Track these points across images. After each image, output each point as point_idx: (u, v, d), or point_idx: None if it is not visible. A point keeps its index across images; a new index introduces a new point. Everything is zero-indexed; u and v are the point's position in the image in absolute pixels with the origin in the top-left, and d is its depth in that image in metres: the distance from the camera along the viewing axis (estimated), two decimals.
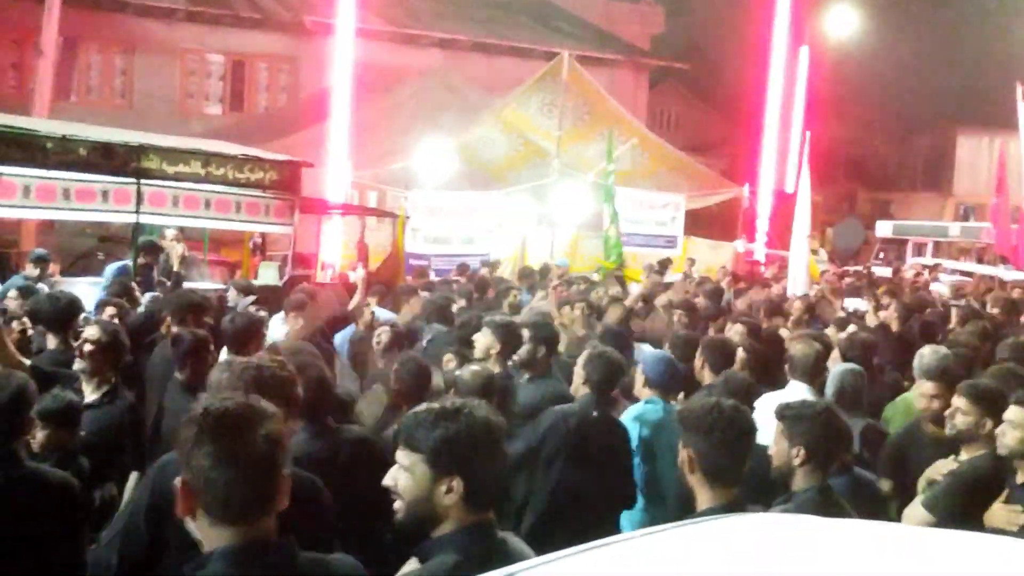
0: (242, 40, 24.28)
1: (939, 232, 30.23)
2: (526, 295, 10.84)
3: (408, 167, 16.73)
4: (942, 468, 4.63)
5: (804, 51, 24.67)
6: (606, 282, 12.24)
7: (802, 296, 11.23)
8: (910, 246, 29.39)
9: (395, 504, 2.64)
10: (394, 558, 2.94)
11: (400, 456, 2.63)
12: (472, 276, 12.73)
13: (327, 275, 14.60)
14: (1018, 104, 19.45)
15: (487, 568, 2.21)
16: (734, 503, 3.33)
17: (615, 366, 5.30)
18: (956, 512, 4.20)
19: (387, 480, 2.66)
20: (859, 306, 11.41)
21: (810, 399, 4.89)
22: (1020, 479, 4.24)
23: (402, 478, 2.61)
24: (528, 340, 6.13)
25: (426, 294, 9.70)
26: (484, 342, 6.02)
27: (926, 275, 20.45)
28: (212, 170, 11.29)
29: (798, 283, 13.11)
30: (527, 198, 17.92)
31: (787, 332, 8.22)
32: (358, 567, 2.63)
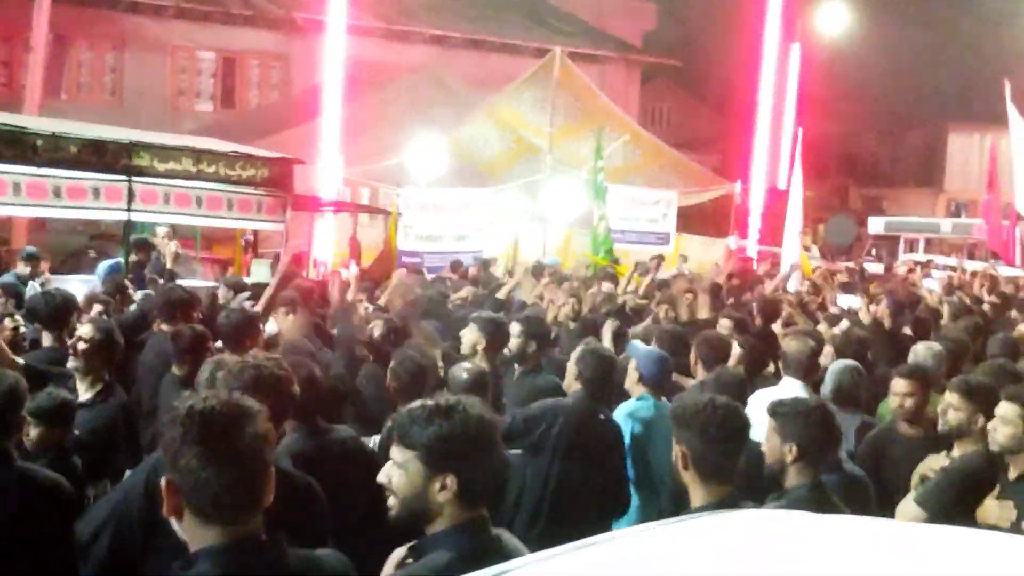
0: (233, 37, 24.21)
1: (931, 228, 30.29)
2: (517, 292, 10.81)
3: (400, 164, 16.71)
4: (934, 464, 4.64)
5: (796, 48, 24.74)
6: (597, 278, 12.20)
7: (794, 292, 11.25)
8: (902, 242, 29.45)
9: (389, 501, 2.64)
10: (384, 556, 2.95)
11: (394, 453, 2.63)
12: (466, 273, 12.71)
13: (319, 272, 14.57)
14: (1007, 102, 19.50)
15: (481, 565, 2.21)
16: (727, 500, 3.33)
17: (608, 363, 5.30)
18: (949, 508, 4.21)
19: (381, 477, 2.65)
20: (852, 303, 11.41)
21: (803, 396, 4.90)
22: (1012, 475, 4.26)
23: (396, 475, 2.61)
24: (519, 335, 6.13)
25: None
26: (470, 338, 5.99)
27: (918, 271, 20.48)
28: (203, 167, 11.27)
29: (790, 279, 13.15)
30: (519, 195, 17.89)
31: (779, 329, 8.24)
32: (346, 562, 2.63)
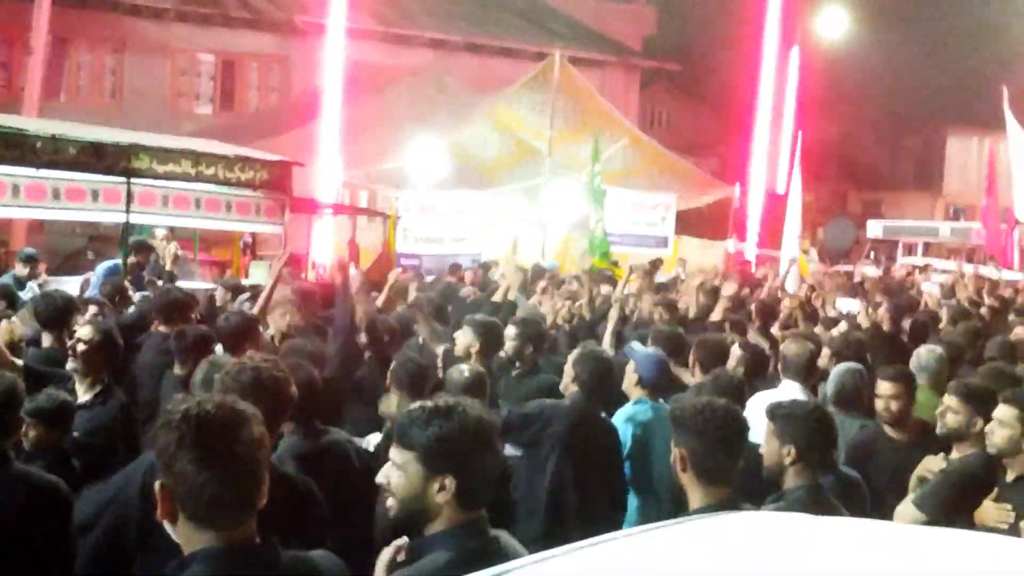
0: (233, 39, 24.21)
1: (929, 232, 30.31)
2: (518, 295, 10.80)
3: (399, 167, 16.71)
4: (932, 466, 4.65)
5: (795, 51, 24.74)
6: (594, 280, 12.16)
7: (792, 296, 11.25)
8: (900, 246, 29.47)
9: (388, 502, 2.64)
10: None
11: (393, 454, 2.63)
12: (463, 276, 12.69)
13: (318, 274, 14.57)
14: (1004, 107, 19.53)
15: (480, 566, 2.21)
16: (726, 502, 3.33)
17: (605, 365, 5.31)
18: (947, 510, 4.22)
19: (380, 478, 2.66)
20: (850, 307, 11.43)
21: (801, 398, 4.90)
22: (1010, 477, 4.27)
23: (395, 476, 2.61)
24: (515, 337, 6.15)
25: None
26: (464, 340, 6.02)
27: (916, 275, 20.50)
28: (202, 169, 11.26)
29: (789, 283, 13.17)
30: (518, 198, 17.91)
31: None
32: (340, 564, 2.62)
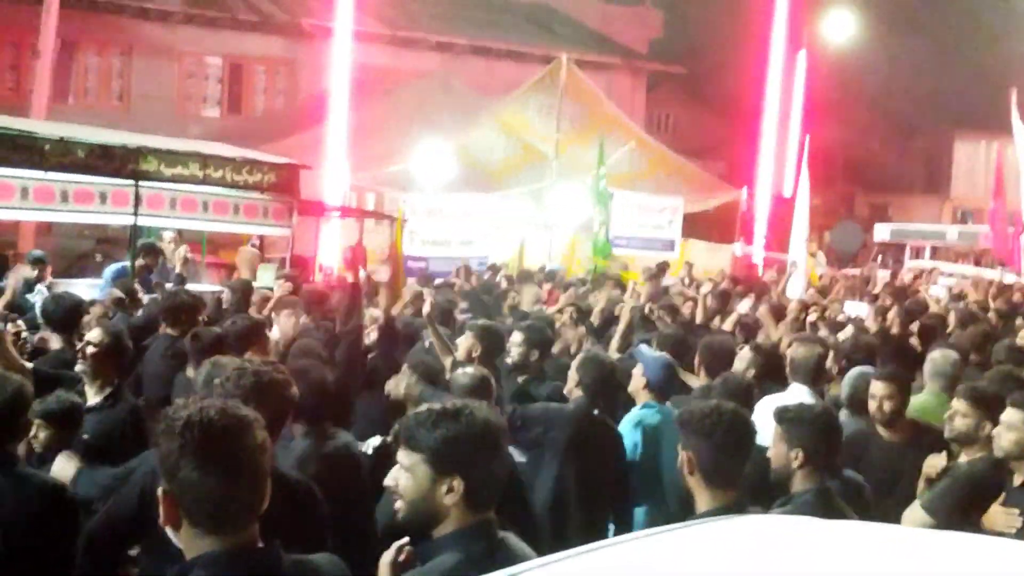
0: (240, 43, 24.26)
1: (937, 236, 30.23)
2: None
3: (406, 169, 16.73)
4: (936, 463, 4.64)
5: (802, 55, 24.70)
6: (598, 283, 12.17)
7: (799, 299, 11.23)
8: (908, 249, 29.40)
9: (396, 504, 2.65)
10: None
11: (401, 456, 2.64)
12: (471, 275, 12.69)
13: (325, 277, 14.57)
14: (1012, 110, 19.49)
15: (488, 568, 2.21)
16: (733, 505, 3.32)
17: (608, 369, 5.30)
18: (955, 514, 4.21)
19: (388, 480, 2.66)
20: (859, 310, 11.41)
21: (809, 402, 4.89)
22: (1017, 481, 4.26)
23: (403, 478, 2.62)
24: (521, 343, 6.14)
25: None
26: (466, 345, 6.04)
27: (924, 278, 20.45)
28: (210, 172, 11.28)
29: (796, 286, 13.13)
30: (525, 201, 17.92)
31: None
32: (342, 566, 2.62)
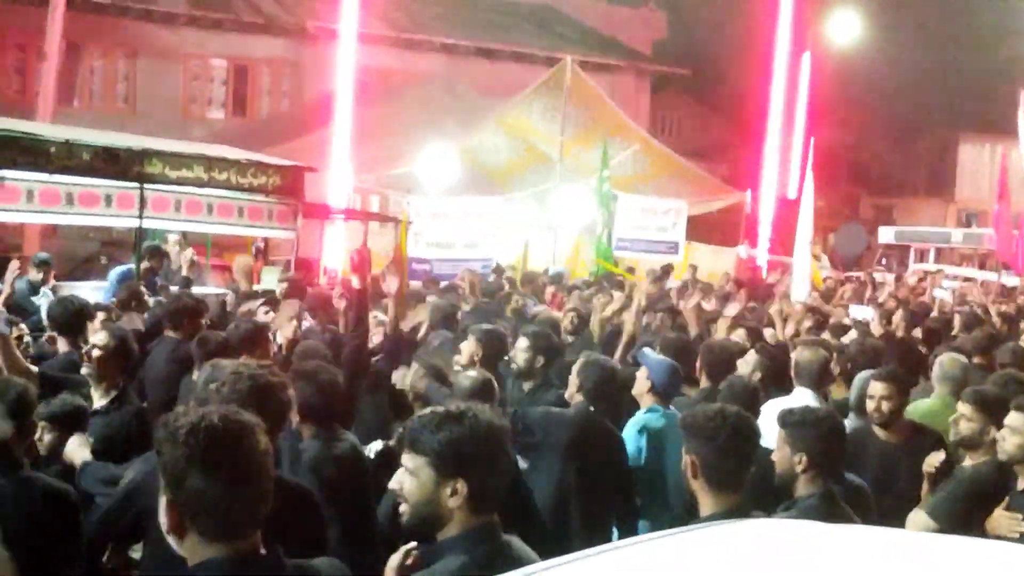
0: (245, 45, 24.30)
1: (941, 238, 30.22)
2: (531, 301, 10.81)
3: (410, 172, 16.73)
4: (933, 461, 4.64)
5: (806, 57, 24.67)
6: (599, 287, 12.15)
7: (804, 302, 11.23)
8: (912, 252, 29.38)
9: (400, 507, 2.65)
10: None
11: (405, 459, 2.65)
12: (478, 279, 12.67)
13: (329, 280, 14.57)
14: (1020, 111, 19.47)
15: (492, 570, 2.22)
16: (737, 509, 3.32)
17: (609, 374, 5.30)
18: (959, 518, 4.21)
19: (392, 483, 2.67)
20: (864, 314, 11.39)
21: (813, 405, 4.89)
22: (1021, 485, 4.26)
23: (407, 481, 2.62)
24: (527, 349, 6.13)
25: (433, 299, 9.63)
26: (468, 349, 6.04)
27: (928, 281, 20.42)
28: (215, 175, 11.29)
29: (800, 289, 13.11)
30: (529, 203, 17.92)
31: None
32: (343, 569, 2.62)
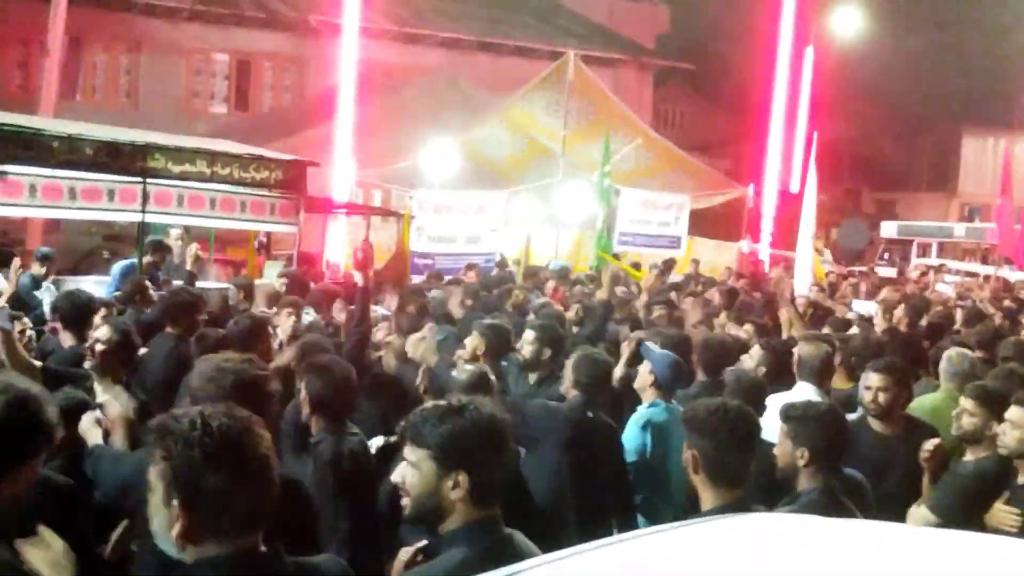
0: (247, 39, 24.30)
1: (944, 233, 30.20)
2: (533, 295, 10.81)
3: (413, 166, 16.73)
4: (929, 446, 4.63)
5: (809, 51, 24.65)
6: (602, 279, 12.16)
7: (806, 298, 11.23)
8: (915, 246, 29.35)
9: (403, 500, 2.67)
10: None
11: (407, 452, 2.66)
12: (471, 274, 12.69)
13: (331, 274, 14.58)
14: None
15: (495, 564, 2.22)
16: (738, 503, 3.33)
17: (603, 368, 5.30)
18: (960, 513, 4.21)
19: (395, 476, 2.68)
20: (867, 308, 11.39)
21: (816, 400, 4.89)
22: (1022, 479, 4.25)
23: (409, 474, 2.64)
24: (533, 341, 6.13)
25: (436, 293, 9.64)
26: (471, 343, 6.05)
27: (931, 276, 20.44)
28: (217, 169, 11.30)
29: (802, 283, 13.11)
30: (532, 198, 17.91)
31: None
32: (345, 568, 2.62)
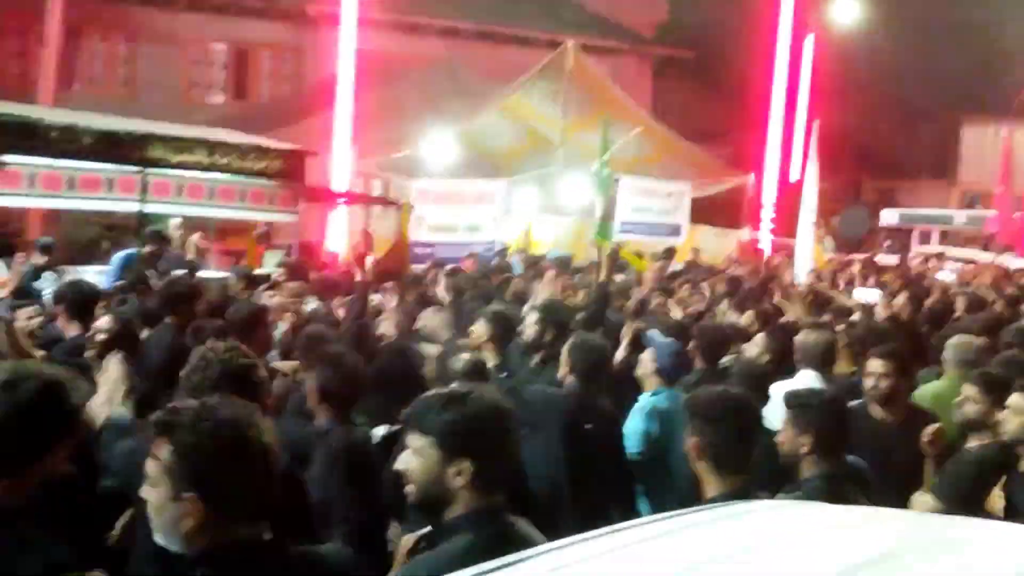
0: (245, 29, 24.23)
1: (945, 220, 30.18)
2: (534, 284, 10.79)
3: (412, 155, 16.72)
4: (929, 431, 4.63)
5: (810, 39, 24.60)
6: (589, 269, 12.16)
7: (807, 285, 11.24)
8: (916, 234, 29.33)
9: (407, 488, 2.67)
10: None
11: (411, 439, 2.66)
12: (469, 262, 12.70)
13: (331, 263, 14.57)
14: None
15: (499, 551, 2.21)
16: (741, 490, 3.32)
17: (599, 353, 5.29)
18: (963, 499, 4.21)
19: (399, 464, 2.69)
20: (869, 296, 11.39)
21: (818, 387, 4.89)
22: (1023, 467, 4.25)
23: (413, 461, 2.64)
24: (536, 322, 6.11)
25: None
26: (477, 331, 6.04)
27: (932, 263, 20.41)
28: (217, 159, 11.31)
29: (803, 271, 13.13)
30: (532, 187, 17.90)
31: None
32: (350, 557, 2.65)
